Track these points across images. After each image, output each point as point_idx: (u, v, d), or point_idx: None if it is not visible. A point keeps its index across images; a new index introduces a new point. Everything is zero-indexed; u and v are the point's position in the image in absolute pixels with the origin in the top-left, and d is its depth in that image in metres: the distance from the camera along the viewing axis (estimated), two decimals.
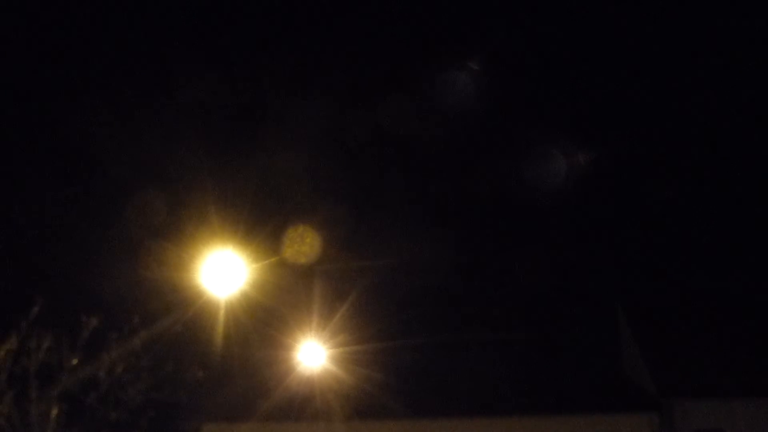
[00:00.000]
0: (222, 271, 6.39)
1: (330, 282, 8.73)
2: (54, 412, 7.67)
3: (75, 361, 7.80)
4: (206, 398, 9.40)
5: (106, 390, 8.00)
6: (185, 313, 6.75)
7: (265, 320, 7.93)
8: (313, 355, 8.33)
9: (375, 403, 9.36)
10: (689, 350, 11.05)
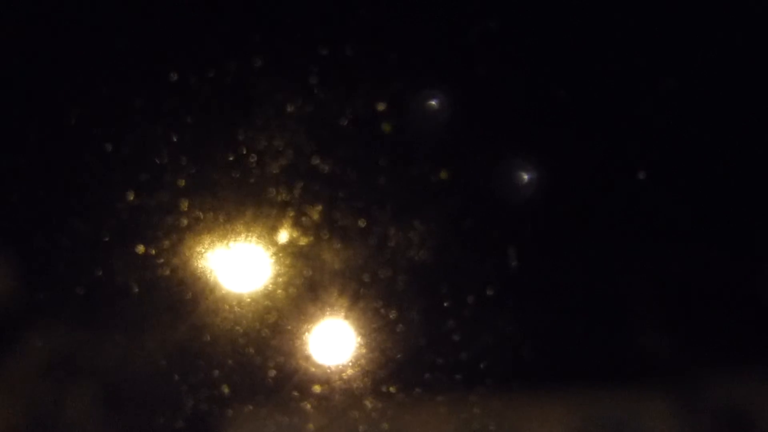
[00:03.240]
0: (242, 261, 6.47)
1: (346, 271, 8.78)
2: (86, 403, 7.82)
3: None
4: (232, 384, 9.55)
5: None
6: (206, 303, 6.86)
7: (286, 306, 8.01)
8: (333, 339, 8.42)
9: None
10: (711, 321, 10.96)
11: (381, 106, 1.94)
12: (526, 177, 2.22)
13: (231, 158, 2.07)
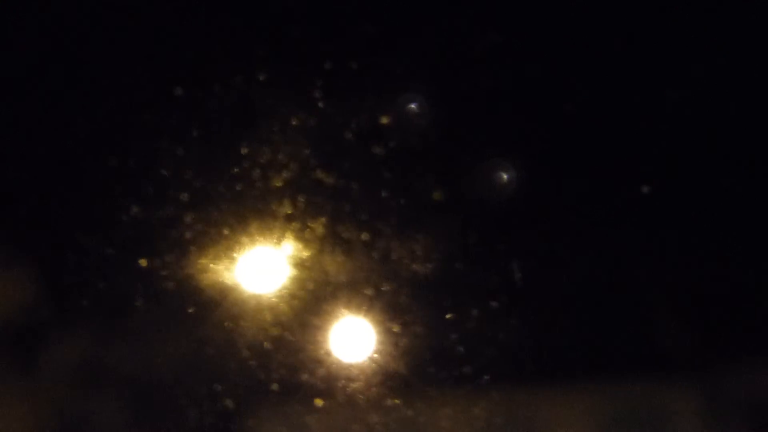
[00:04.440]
0: (260, 264, 6.48)
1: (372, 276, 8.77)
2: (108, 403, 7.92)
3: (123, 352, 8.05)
4: (248, 383, 9.61)
5: None
6: (225, 305, 6.91)
7: (289, 319, 8.06)
8: (336, 353, 8.40)
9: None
10: (732, 315, 10.79)
11: (384, 120, 1.93)
12: (529, 188, 2.20)
13: (235, 171, 2.08)
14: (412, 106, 1.99)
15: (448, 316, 2.41)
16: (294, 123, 2.01)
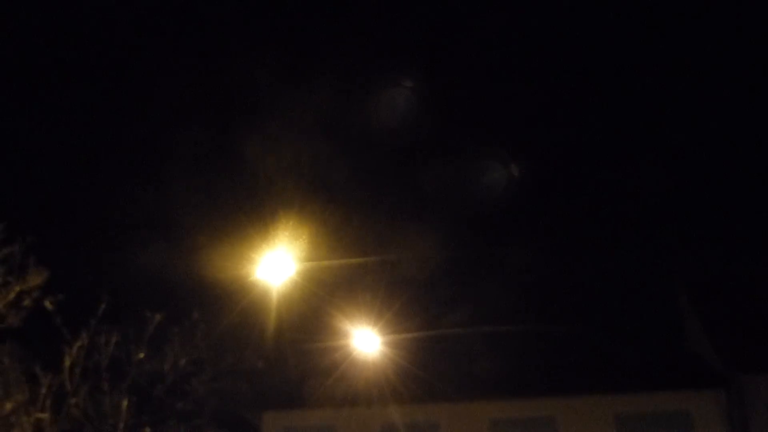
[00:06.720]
0: (274, 264, 6.57)
1: (381, 273, 8.82)
2: (125, 403, 8.11)
3: (141, 355, 8.21)
4: (266, 386, 9.69)
5: (172, 382, 8.40)
6: (240, 305, 6.99)
7: (318, 309, 8.12)
8: (367, 342, 8.43)
9: (428, 387, 9.34)
10: (755, 323, 10.66)
11: (388, 115, 1.97)
12: (534, 183, 2.23)
13: (240, 168, 2.13)
14: (413, 100, 2.03)
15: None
16: (298, 120, 2.06)
